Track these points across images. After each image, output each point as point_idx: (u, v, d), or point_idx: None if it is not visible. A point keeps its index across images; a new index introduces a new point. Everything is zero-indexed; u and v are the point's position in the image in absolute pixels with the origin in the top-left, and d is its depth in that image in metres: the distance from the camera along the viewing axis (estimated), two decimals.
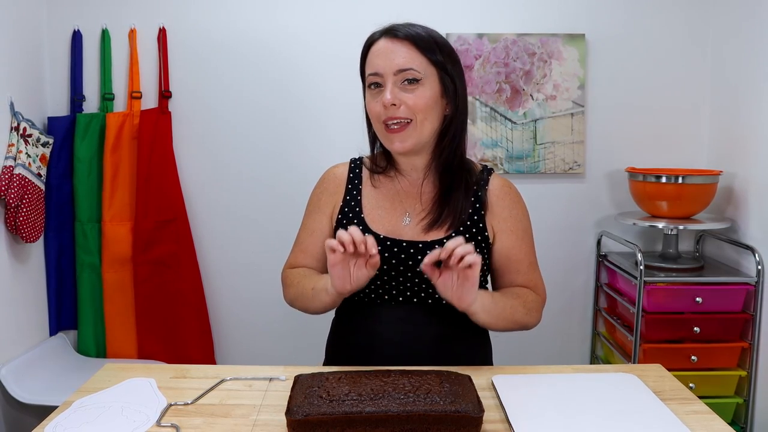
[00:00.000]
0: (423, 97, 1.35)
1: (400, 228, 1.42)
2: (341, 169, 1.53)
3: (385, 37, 1.37)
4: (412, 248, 1.39)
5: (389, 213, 1.44)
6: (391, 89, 1.34)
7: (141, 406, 1.16)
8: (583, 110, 2.58)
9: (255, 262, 2.61)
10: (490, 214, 1.45)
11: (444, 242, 1.39)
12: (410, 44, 1.35)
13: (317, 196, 1.53)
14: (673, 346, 2.27)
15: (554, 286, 2.67)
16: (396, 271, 1.39)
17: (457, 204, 1.41)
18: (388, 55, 1.35)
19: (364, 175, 1.51)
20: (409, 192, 1.46)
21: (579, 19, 2.56)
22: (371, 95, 1.39)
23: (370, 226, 1.42)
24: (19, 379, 2.17)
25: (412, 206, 1.44)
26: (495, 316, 1.35)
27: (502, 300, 1.38)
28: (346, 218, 1.45)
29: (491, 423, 1.09)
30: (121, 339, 2.50)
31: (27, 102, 2.31)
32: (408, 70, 1.34)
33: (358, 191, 1.48)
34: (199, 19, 2.52)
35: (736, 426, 2.30)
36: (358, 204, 1.46)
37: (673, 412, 1.12)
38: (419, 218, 1.42)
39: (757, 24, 2.28)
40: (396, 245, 1.39)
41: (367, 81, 1.39)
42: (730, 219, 2.42)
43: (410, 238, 1.40)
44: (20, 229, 2.17)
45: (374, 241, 1.25)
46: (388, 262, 1.39)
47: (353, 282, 1.28)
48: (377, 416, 1.02)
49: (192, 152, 2.57)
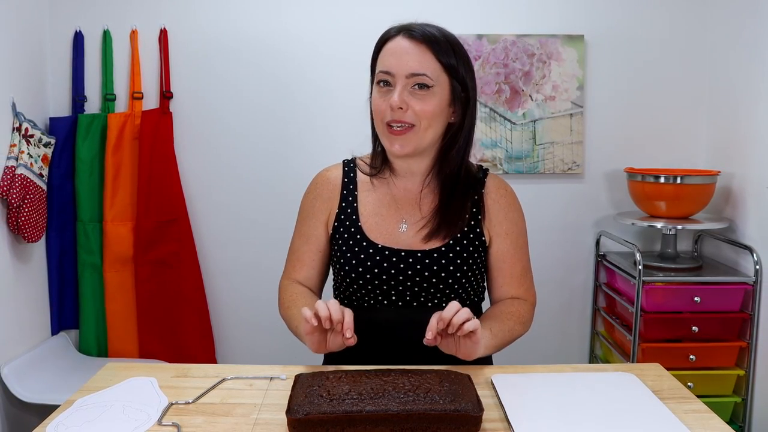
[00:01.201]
0: (431, 105, 1.32)
1: (397, 235, 1.41)
2: (334, 172, 1.50)
3: (402, 36, 1.34)
4: (410, 257, 1.38)
5: (386, 220, 1.43)
6: (401, 92, 1.31)
7: (142, 405, 1.16)
8: (582, 111, 2.59)
9: (256, 261, 2.62)
10: (486, 217, 1.44)
11: (442, 250, 1.39)
12: (426, 47, 1.32)
13: (311, 201, 1.49)
14: (671, 346, 2.27)
15: (553, 285, 2.68)
16: (395, 280, 1.38)
17: (457, 213, 1.40)
18: (402, 57, 1.32)
19: (359, 178, 1.48)
20: (405, 197, 1.44)
21: (578, 20, 2.57)
22: (379, 92, 1.36)
23: (367, 234, 1.41)
24: (21, 378, 2.18)
25: (410, 213, 1.43)
26: (497, 347, 1.36)
27: (500, 329, 1.36)
28: (343, 226, 1.43)
29: (490, 422, 1.09)
30: (123, 338, 2.51)
31: (29, 103, 2.32)
32: (420, 76, 1.31)
33: (354, 197, 1.45)
34: (200, 20, 2.52)
35: (735, 425, 2.30)
36: (355, 211, 1.44)
37: (672, 411, 1.12)
38: (418, 227, 1.41)
39: (755, 25, 2.29)
40: (394, 254, 1.38)
41: (377, 77, 1.36)
42: (728, 219, 2.42)
43: (408, 247, 1.39)
44: (22, 229, 2.18)
45: (351, 321, 1.22)
46: (387, 271, 1.38)
47: (329, 347, 1.27)
48: (377, 415, 1.02)
49: (193, 152, 2.58)
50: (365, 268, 1.39)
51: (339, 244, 1.43)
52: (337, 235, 1.44)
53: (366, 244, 1.40)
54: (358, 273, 1.39)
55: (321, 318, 1.21)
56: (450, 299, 1.41)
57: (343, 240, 1.42)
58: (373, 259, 1.39)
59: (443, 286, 1.39)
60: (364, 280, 1.39)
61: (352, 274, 1.40)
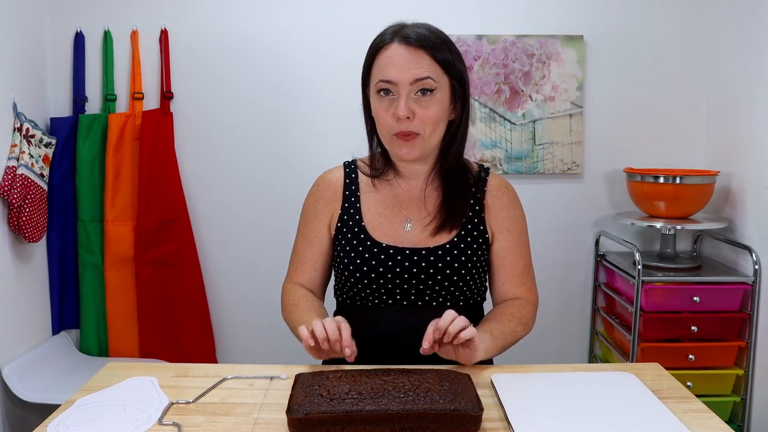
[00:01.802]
0: (434, 110, 1.33)
1: (401, 235, 1.41)
2: (336, 174, 1.50)
3: (398, 42, 1.32)
4: (415, 255, 1.39)
5: (389, 220, 1.43)
6: (405, 101, 1.31)
7: (143, 404, 1.16)
8: (581, 111, 2.59)
9: (256, 261, 2.62)
10: (488, 213, 1.45)
11: (447, 247, 1.40)
12: (424, 51, 1.31)
13: (313, 203, 1.49)
14: (670, 345, 2.28)
15: (553, 285, 2.69)
16: (400, 279, 1.39)
17: (460, 206, 1.41)
18: (404, 64, 1.30)
19: (361, 180, 1.48)
20: (409, 197, 1.45)
21: (577, 21, 2.57)
22: (380, 103, 1.34)
23: (371, 234, 1.41)
24: (22, 377, 2.18)
25: (414, 212, 1.43)
26: (499, 350, 1.36)
27: (502, 331, 1.36)
28: (346, 227, 1.44)
29: (490, 421, 1.10)
30: (123, 338, 2.52)
31: (30, 103, 2.33)
32: (424, 80, 1.30)
33: (357, 198, 1.46)
34: (201, 20, 2.53)
35: (734, 424, 2.31)
36: (358, 212, 1.44)
37: (671, 411, 1.12)
38: (424, 223, 1.42)
39: (754, 25, 2.29)
40: (399, 253, 1.39)
41: (377, 86, 1.34)
42: (727, 219, 2.43)
43: (412, 245, 1.40)
44: (23, 229, 2.19)
45: (349, 336, 1.22)
46: (392, 270, 1.38)
47: (330, 355, 1.27)
48: (377, 415, 1.03)
49: (193, 153, 2.59)
50: (370, 267, 1.39)
51: (342, 244, 1.43)
52: (341, 236, 1.44)
53: (370, 243, 1.40)
54: (363, 272, 1.39)
55: (318, 339, 1.21)
56: (454, 297, 1.41)
57: (346, 240, 1.43)
58: (378, 258, 1.39)
59: (447, 284, 1.39)
60: (369, 280, 1.39)
61: (356, 273, 1.40)
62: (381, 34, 1.37)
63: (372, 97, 1.38)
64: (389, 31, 1.36)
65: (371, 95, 1.38)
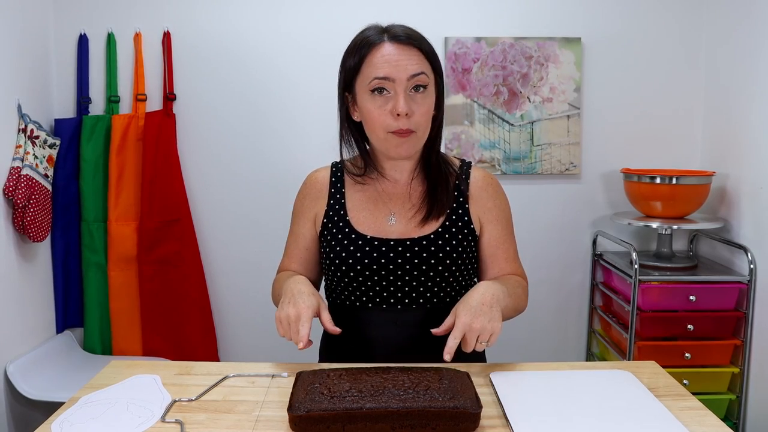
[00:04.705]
0: (429, 106, 1.37)
1: (386, 227, 1.43)
2: (323, 173, 1.53)
3: (389, 41, 1.34)
4: (400, 246, 1.40)
5: (374, 214, 1.45)
6: (405, 98, 1.32)
7: (146, 402, 1.16)
8: (579, 112, 2.61)
9: (258, 261, 2.63)
10: (474, 205, 1.46)
11: (431, 237, 1.41)
12: (413, 47, 1.34)
13: (300, 201, 1.53)
14: (667, 344, 2.29)
15: (551, 284, 2.71)
16: (386, 270, 1.40)
17: (444, 195, 1.43)
18: (400, 61, 1.32)
19: (347, 178, 1.50)
20: (393, 193, 1.46)
21: (575, 24, 2.59)
22: (374, 102, 1.34)
23: (355, 227, 1.43)
24: (26, 375, 2.20)
25: (399, 206, 1.45)
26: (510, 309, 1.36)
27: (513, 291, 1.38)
28: (332, 222, 1.46)
29: (489, 419, 1.10)
30: (127, 336, 2.53)
31: (34, 104, 2.34)
32: (420, 75, 1.33)
33: (342, 195, 1.48)
34: (204, 23, 2.54)
35: (729, 422, 2.32)
36: (343, 207, 1.46)
37: (667, 408, 1.12)
38: (409, 215, 1.43)
39: (749, 27, 2.31)
40: (383, 244, 1.40)
41: (371, 85, 1.33)
42: (723, 219, 2.44)
43: (397, 236, 1.41)
44: (27, 228, 2.20)
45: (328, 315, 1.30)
46: (377, 261, 1.39)
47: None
48: (377, 412, 1.03)
49: (196, 153, 2.60)
50: (355, 259, 1.40)
51: (328, 240, 1.45)
52: (326, 232, 1.46)
53: (355, 236, 1.42)
54: (349, 265, 1.40)
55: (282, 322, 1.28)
56: (441, 290, 1.42)
57: (332, 235, 1.44)
58: (363, 250, 1.40)
59: (433, 274, 1.40)
60: (355, 272, 1.40)
61: (342, 267, 1.41)
62: (363, 36, 1.38)
63: (362, 98, 1.37)
64: (372, 32, 1.37)
65: (360, 96, 1.37)
